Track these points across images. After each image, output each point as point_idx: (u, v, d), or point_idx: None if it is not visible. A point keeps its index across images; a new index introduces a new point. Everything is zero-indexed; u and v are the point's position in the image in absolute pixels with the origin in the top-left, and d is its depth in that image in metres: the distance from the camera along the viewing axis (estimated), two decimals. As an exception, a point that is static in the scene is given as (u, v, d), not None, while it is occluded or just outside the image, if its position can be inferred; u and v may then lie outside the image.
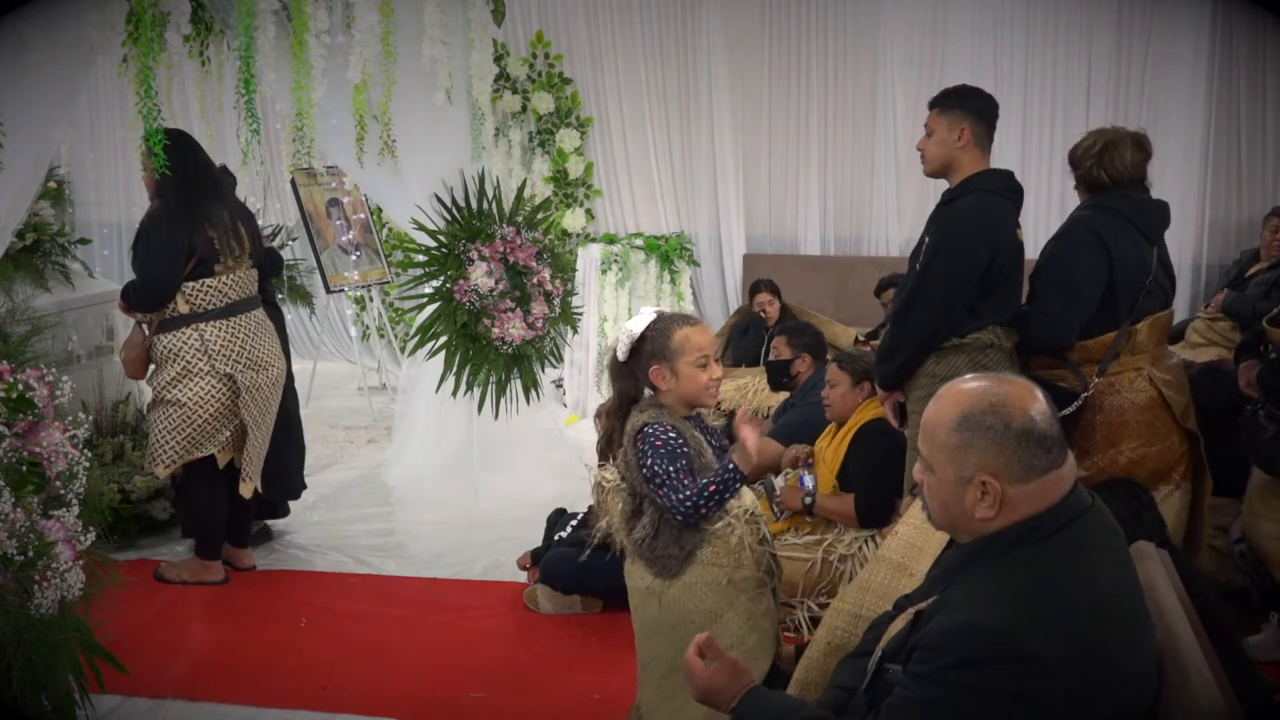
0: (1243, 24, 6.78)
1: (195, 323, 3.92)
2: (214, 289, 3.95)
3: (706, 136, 7.83)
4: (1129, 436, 3.29)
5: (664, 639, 2.57)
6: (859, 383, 3.96)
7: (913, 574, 2.64)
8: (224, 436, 4.05)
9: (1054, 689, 1.57)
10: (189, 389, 3.94)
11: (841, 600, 2.59)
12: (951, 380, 1.83)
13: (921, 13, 7.35)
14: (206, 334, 3.93)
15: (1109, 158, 3.33)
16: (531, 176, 7.87)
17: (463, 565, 4.34)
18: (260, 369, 4.07)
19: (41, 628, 2.27)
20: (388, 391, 7.33)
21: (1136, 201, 3.35)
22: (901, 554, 2.68)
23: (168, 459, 3.98)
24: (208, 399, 3.96)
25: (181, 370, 3.93)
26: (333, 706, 3.22)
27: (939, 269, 3.22)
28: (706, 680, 1.97)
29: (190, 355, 3.92)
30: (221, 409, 4.00)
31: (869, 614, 2.56)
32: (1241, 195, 6.92)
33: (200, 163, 3.99)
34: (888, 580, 2.65)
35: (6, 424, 2.34)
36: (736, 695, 1.93)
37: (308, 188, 6.80)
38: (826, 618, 2.58)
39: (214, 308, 3.95)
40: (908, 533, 2.75)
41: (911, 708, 1.65)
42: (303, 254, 7.50)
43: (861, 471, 3.83)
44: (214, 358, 3.94)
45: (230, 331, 3.98)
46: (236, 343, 3.99)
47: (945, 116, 3.30)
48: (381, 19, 4.02)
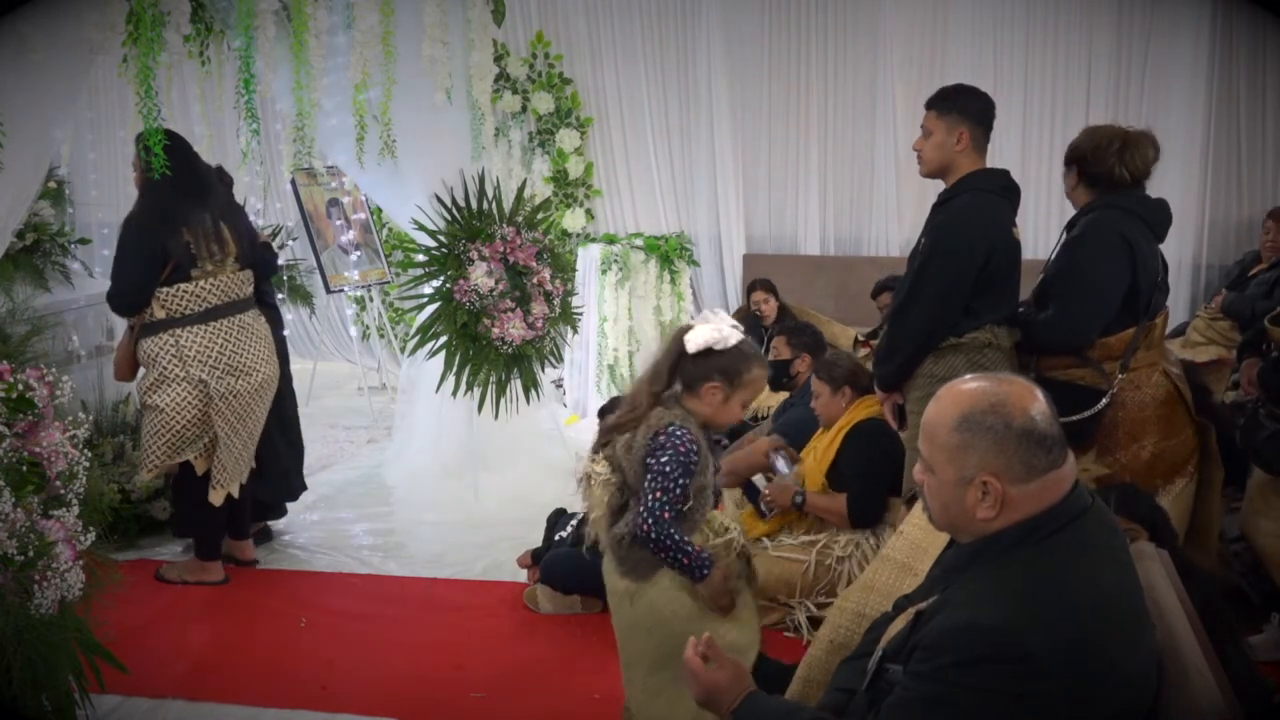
0: (1243, 24, 6.78)
1: (172, 328, 3.87)
2: (191, 294, 3.88)
3: (706, 136, 7.83)
4: (1150, 431, 3.30)
5: (643, 639, 2.55)
6: (839, 389, 3.97)
7: (916, 574, 2.64)
8: (201, 444, 4.02)
9: (1054, 688, 1.57)
10: (166, 394, 3.91)
11: (845, 599, 2.59)
12: (950, 380, 1.83)
13: (921, 13, 7.35)
14: (182, 339, 3.88)
15: (1131, 155, 3.31)
16: (531, 176, 7.87)
17: (463, 565, 4.34)
18: (241, 374, 3.99)
19: (41, 628, 2.27)
20: (388, 391, 7.33)
21: (1147, 200, 3.36)
22: (906, 554, 2.68)
23: (152, 463, 3.98)
24: (184, 405, 3.92)
25: (159, 376, 3.90)
26: (333, 706, 3.22)
27: (935, 269, 3.22)
28: (707, 682, 1.97)
29: (166, 361, 3.88)
30: (198, 415, 3.96)
31: (873, 613, 2.55)
32: (1241, 195, 6.92)
33: (183, 165, 3.82)
34: (892, 580, 2.65)
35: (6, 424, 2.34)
36: (737, 698, 1.93)
37: (308, 188, 6.80)
38: (830, 616, 2.58)
39: (191, 313, 3.88)
40: (912, 533, 2.75)
41: (912, 706, 1.65)
42: (303, 254, 7.50)
43: (852, 472, 3.84)
44: (188, 363, 3.88)
45: (208, 337, 3.91)
46: (215, 348, 3.92)
47: (944, 119, 3.28)
48: (381, 19, 4.02)
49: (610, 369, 6.27)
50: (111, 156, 8.45)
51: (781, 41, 7.64)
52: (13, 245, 4.55)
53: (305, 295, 7.50)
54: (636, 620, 2.56)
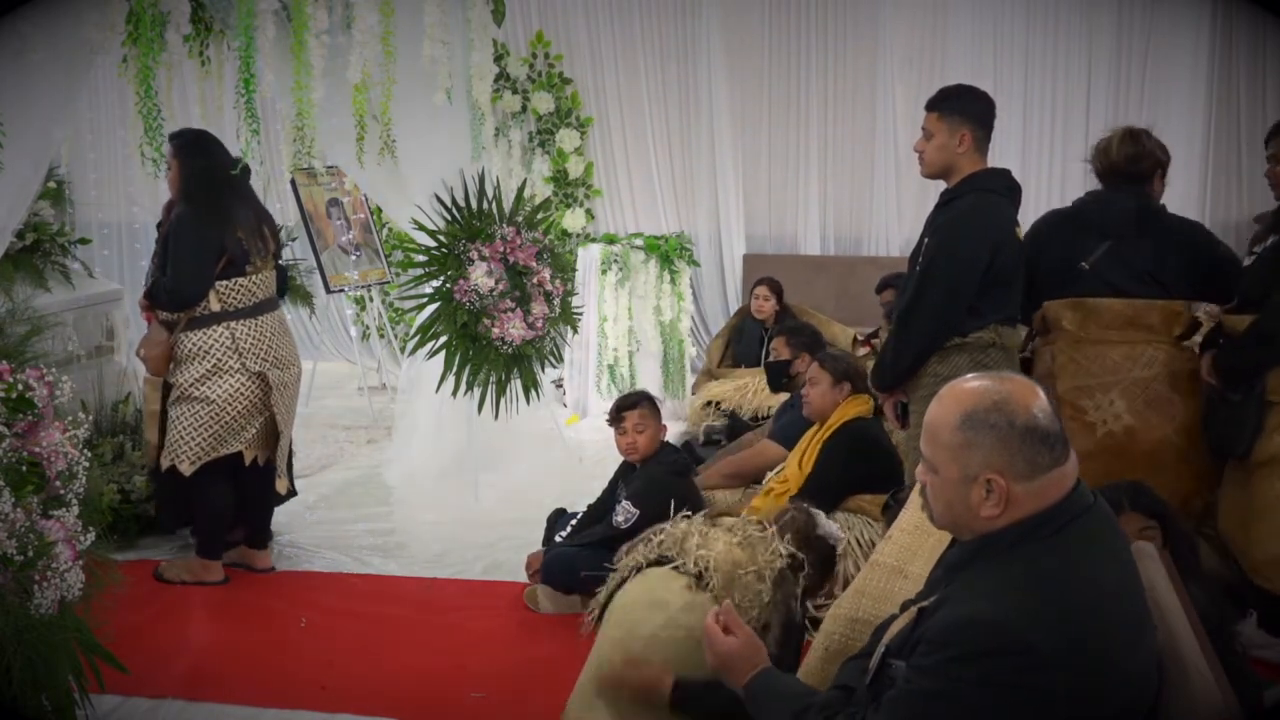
0: (1243, 24, 6.79)
1: (226, 320, 3.97)
2: (244, 288, 4.00)
3: (706, 136, 7.84)
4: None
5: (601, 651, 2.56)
6: (839, 382, 4.00)
7: (907, 576, 2.65)
8: (250, 434, 4.07)
9: (1055, 683, 1.57)
10: (219, 386, 3.97)
11: (838, 606, 2.59)
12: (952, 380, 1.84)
13: (921, 13, 7.36)
14: (237, 332, 3.98)
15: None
16: (531, 176, 7.88)
17: (463, 565, 4.33)
18: (285, 367, 4.13)
19: (41, 628, 2.27)
20: (388, 391, 7.32)
21: None
22: (896, 557, 2.69)
23: (194, 455, 3.98)
24: (237, 396, 4.00)
25: (211, 367, 3.96)
26: (333, 706, 3.22)
27: (940, 271, 3.21)
28: (723, 650, 2.01)
29: (221, 352, 3.96)
30: (249, 406, 4.04)
31: (866, 618, 2.57)
32: (1241, 195, 6.93)
33: (226, 163, 4.02)
34: (883, 584, 2.66)
35: (6, 424, 2.34)
36: (751, 671, 1.95)
37: (308, 188, 6.80)
38: (824, 624, 2.59)
39: (244, 306, 4.01)
40: (902, 537, 2.76)
41: (913, 700, 1.66)
42: (303, 254, 7.50)
43: (815, 474, 3.87)
44: (245, 355, 3.99)
45: (259, 330, 4.04)
46: (264, 341, 4.05)
47: (946, 121, 3.27)
48: (381, 19, 4.02)
49: (610, 369, 6.27)
50: (111, 156, 8.45)
51: (781, 41, 7.65)
52: (13, 245, 4.54)
53: (305, 295, 7.48)
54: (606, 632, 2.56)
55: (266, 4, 3.54)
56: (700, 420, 5.94)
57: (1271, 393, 3.23)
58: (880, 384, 3.46)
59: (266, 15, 3.54)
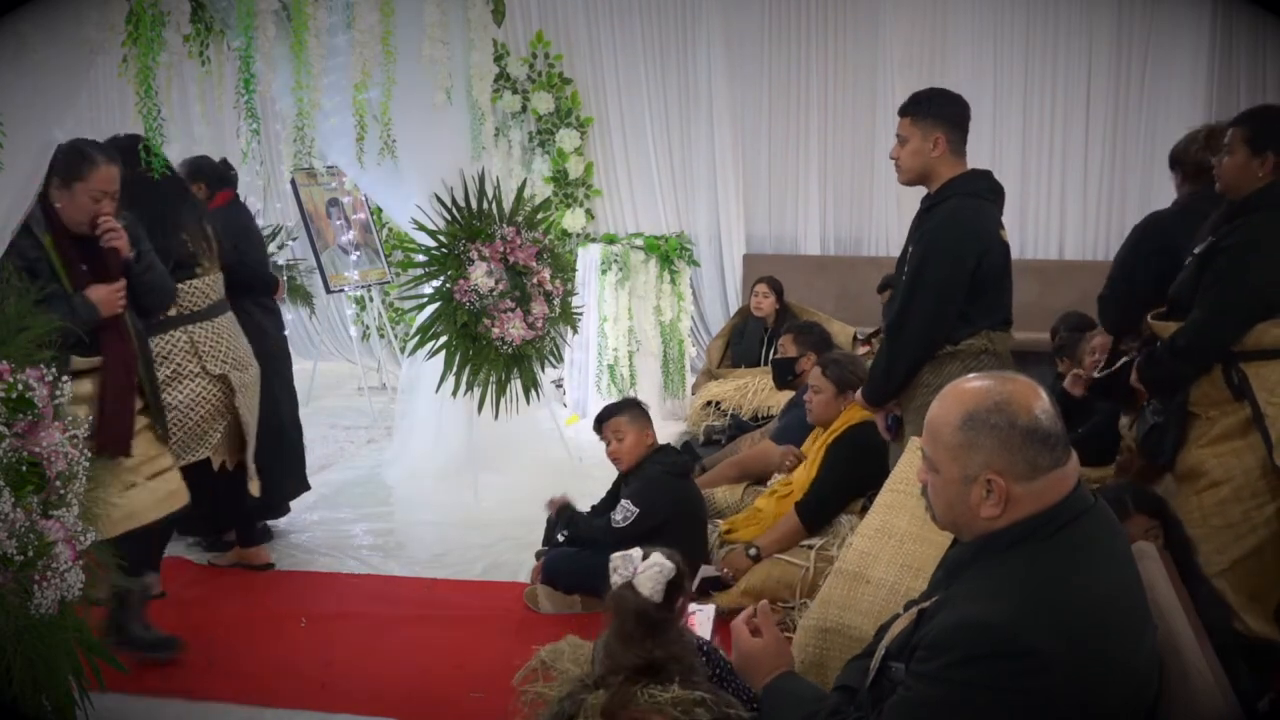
0: (1243, 24, 6.79)
1: (183, 324, 3.89)
2: (199, 290, 3.93)
3: (706, 136, 7.84)
4: None
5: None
6: (843, 391, 3.98)
7: (870, 581, 2.66)
8: (214, 439, 3.99)
9: (1055, 684, 1.57)
10: (179, 392, 3.89)
11: (806, 619, 2.61)
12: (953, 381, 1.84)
13: (921, 13, 7.36)
14: (195, 335, 3.90)
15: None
16: (531, 176, 7.88)
17: (463, 565, 4.33)
18: (244, 368, 4.05)
19: (41, 628, 2.27)
20: (388, 391, 7.33)
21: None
22: (856, 564, 2.71)
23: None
24: (199, 401, 3.92)
25: (171, 373, 3.87)
26: (333, 706, 3.22)
27: (928, 277, 3.17)
28: (746, 649, 2.03)
29: (180, 357, 3.88)
30: (212, 410, 3.96)
31: (834, 626, 2.59)
32: (1241, 195, 6.91)
33: (164, 170, 3.85)
34: (845, 591, 2.67)
35: (6, 424, 2.34)
36: (772, 672, 1.97)
37: (308, 188, 6.80)
38: (796, 638, 2.60)
39: (199, 309, 3.93)
40: (862, 542, 2.77)
41: (915, 706, 1.65)
42: (303, 254, 7.50)
43: (819, 479, 3.87)
44: (205, 358, 3.91)
45: (215, 332, 3.96)
46: (223, 343, 3.97)
47: (919, 125, 3.23)
48: (381, 19, 4.02)
49: (610, 369, 6.27)
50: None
51: (781, 41, 7.65)
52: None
53: (305, 295, 7.50)
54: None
55: (266, 4, 3.54)
56: (700, 420, 5.94)
57: (1194, 404, 3.14)
58: (874, 397, 3.37)
59: (266, 15, 3.54)
